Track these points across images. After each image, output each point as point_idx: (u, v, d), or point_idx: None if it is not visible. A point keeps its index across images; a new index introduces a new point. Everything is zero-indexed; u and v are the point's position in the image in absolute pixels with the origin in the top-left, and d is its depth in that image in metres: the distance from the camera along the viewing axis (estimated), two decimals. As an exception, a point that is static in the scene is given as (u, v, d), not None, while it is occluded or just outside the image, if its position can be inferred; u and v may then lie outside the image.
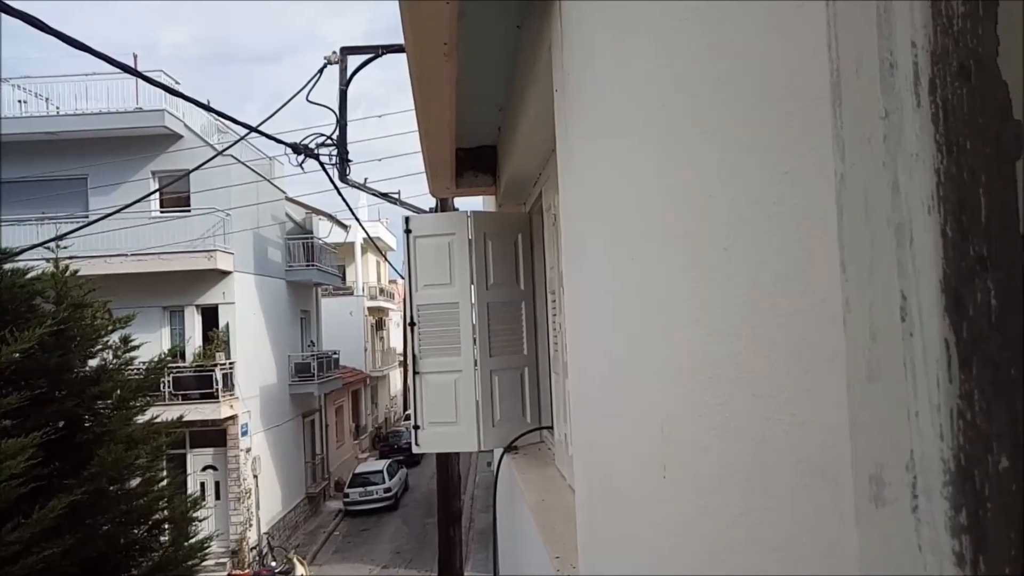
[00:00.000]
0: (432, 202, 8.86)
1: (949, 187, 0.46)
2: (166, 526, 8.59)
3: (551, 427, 4.37)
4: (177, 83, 15.10)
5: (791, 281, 0.70)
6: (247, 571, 16.79)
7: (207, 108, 6.78)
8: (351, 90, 8.60)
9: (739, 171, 0.83)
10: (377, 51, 8.54)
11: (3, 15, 3.74)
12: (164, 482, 8.83)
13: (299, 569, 16.57)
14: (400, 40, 2.79)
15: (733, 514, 0.87)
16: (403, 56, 2.94)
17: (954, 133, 0.46)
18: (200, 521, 9.27)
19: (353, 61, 8.73)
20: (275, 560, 17.34)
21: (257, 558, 17.46)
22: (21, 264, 7.90)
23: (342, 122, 8.34)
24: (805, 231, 0.67)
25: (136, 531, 8.15)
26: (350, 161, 8.62)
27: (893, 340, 0.51)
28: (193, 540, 8.73)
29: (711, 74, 0.89)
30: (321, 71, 8.28)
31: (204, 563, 9.33)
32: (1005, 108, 0.46)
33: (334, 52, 8.74)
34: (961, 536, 0.46)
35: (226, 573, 16.46)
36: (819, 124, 0.61)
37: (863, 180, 0.54)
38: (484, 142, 4.80)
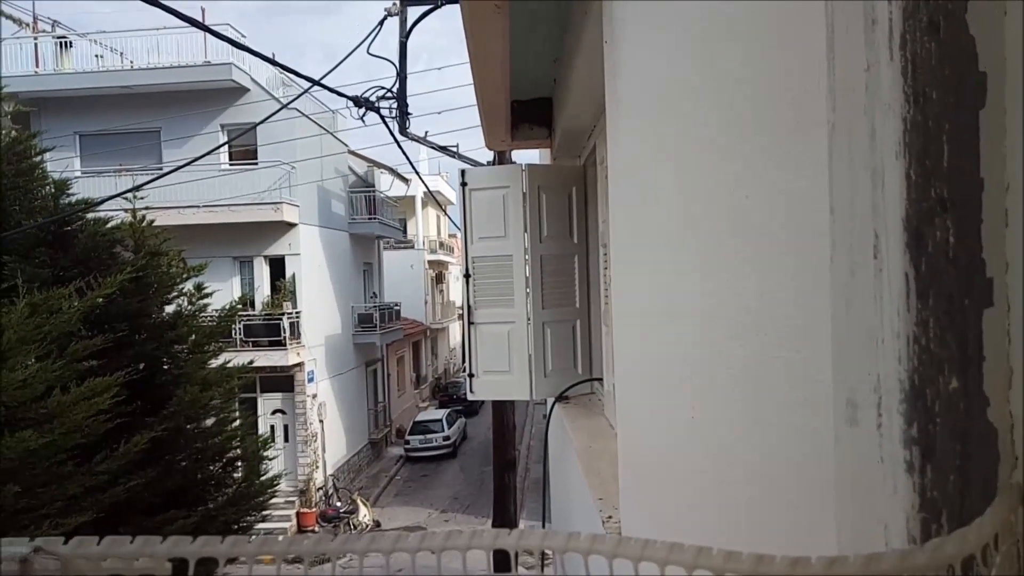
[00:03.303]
0: (491, 155, 8.90)
1: (914, 134, 0.51)
2: (239, 463, 9.12)
3: (601, 379, 4.44)
4: (243, 36, 15.41)
5: (791, 225, 0.75)
6: (314, 510, 17.67)
7: (272, 62, 6.93)
8: (412, 42, 8.64)
9: (759, 124, 0.87)
10: (437, 2, 8.52)
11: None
12: (236, 423, 9.35)
13: (362, 510, 17.34)
14: (455, -8, 2.82)
15: (738, 447, 0.94)
16: (459, 8, 2.97)
17: (921, 84, 0.50)
18: (270, 460, 9.80)
19: (413, 13, 8.75)
20: (340, 500, 18.18)
21: (323, 498, 18.33)
22: (101, 214, 8.35)
23: (402, 75, 8.40)
24: (804, 180, 0.71)
25: (211, 467, 8.69)
26: (410, 114, 8.71)
27: (867, 274, 0.56)
28: (264, 477, 9.25)
29: (739, 28, 0.92)
30: (381, 23, 8.33)
31: (274, 500, 9.90)
32: (971, 60, 0.50)
33: (394, 3, 8.77)
34: (912, 447, 0.52)
35: (294, 511, 17.36)
36: (818, 77, 0.65)
37: (848, 128, 0.59)
38: (540, 94, 4.79)
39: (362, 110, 8.60)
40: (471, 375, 4.70)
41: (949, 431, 0.51)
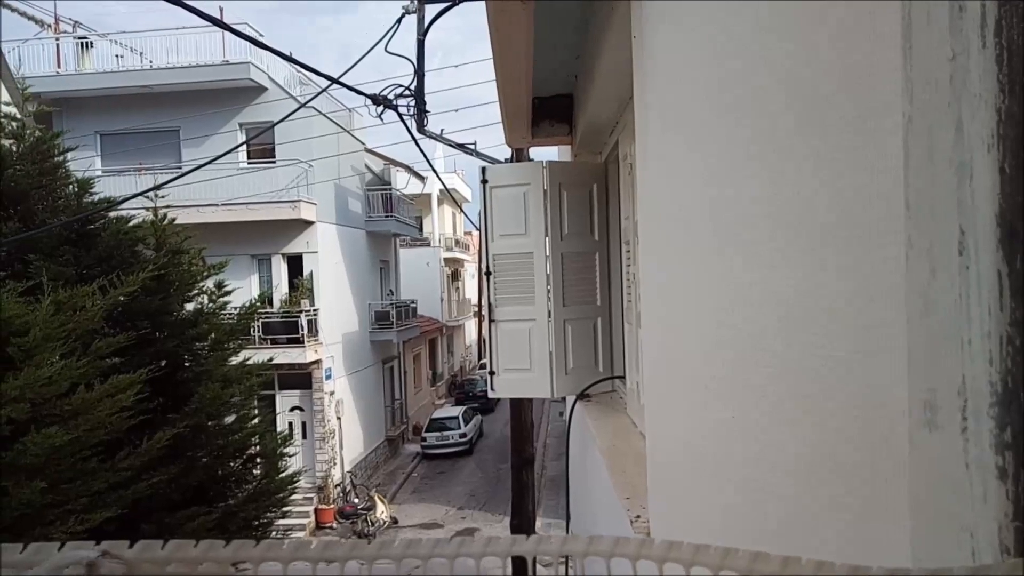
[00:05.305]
0: (508, 152, 8.88)
1: (1009, 125, 0.48)
2: (258, 460, 9.17)
3: (623, 376, 4.42)
4: (261, 35, 15.46)
5: (858, 222, 0.73)
6: (332, 506, 17.76)
7: (290, 60, 6.94)
8: (429, 39, 8.62)
9: (814, 117, 0.85)
10: (454, -1, 8.49)
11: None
12: (256, 420, 9.40)
13: (380, 507, 17.41)
14: (479, -11, 2.80)
15: (785, 450, 0.92)
16: (481, 3, 2.95)
17: (1017, 73, 0.48)
18: (289, 457, 9.85)
19: (431, 10, 8.73)
20: (357, 497, 18.27)
21: (341, 495, 18.42)
22: (123, 213, 8.42)
23: (419, 72, 8.39)
24: (873, 174, 0.69)
25: (232, 464, 8.75)
26: (427, 112, 8.70)
27: (950, 273, 0.54)
28: (283, 474, 9.30)
29: (786, 23, 0.90)
30: (399, 21, 8.32)
31: (293, 496, 9.95)
32: (1071, 48, 0.48)
33: (412, 1, 8.76)
34: (1004, 452, 0.49)
35: (312, 507, 17.46)
36: (891, 68, 0.63)
37: (928, 121, 0.56)
38: (561, 91, 4.77)
39: (380, 108, 8.61)
40: (492, 373, 4.69)
41: (1045, 436, 0.49)
